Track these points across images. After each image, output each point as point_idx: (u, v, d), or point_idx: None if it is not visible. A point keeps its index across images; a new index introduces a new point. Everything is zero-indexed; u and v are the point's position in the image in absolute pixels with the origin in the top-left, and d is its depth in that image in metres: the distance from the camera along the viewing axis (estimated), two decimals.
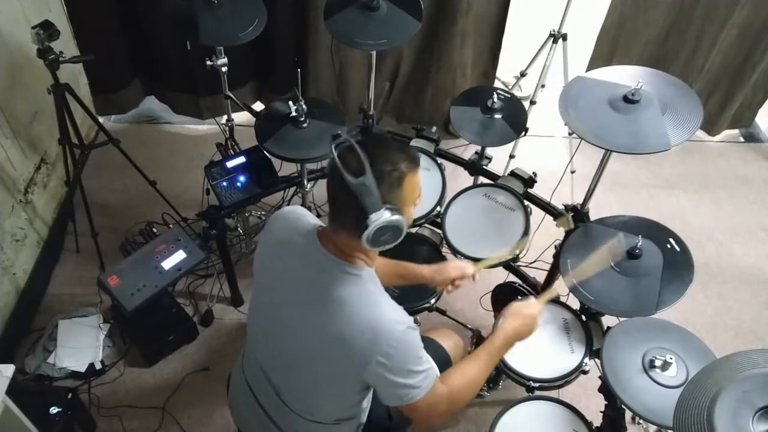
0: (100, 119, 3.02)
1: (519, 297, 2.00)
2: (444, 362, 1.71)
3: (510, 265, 2.16)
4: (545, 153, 3.22)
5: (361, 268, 1.29)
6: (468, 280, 1.68)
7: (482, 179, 2.24)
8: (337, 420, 1.42)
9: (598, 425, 1.74)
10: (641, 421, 2.17)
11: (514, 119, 2.08)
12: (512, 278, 2.31)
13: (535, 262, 2.41)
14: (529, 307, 1.52)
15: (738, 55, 3.05)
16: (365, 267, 1.31)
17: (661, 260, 1.74)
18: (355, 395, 1.36)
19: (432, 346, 1.75)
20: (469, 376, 1.40)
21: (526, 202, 2.04)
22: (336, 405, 1.39)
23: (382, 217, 1.17)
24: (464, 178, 2.29)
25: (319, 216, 2.80)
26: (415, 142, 2.21)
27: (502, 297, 2.29)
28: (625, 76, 1.75)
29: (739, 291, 2.74)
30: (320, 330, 1.27)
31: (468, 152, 2.33)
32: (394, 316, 1.25)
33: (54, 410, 1.91)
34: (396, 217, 1.19)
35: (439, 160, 2.15)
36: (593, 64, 3.04)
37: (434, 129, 2.24)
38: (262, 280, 1.43)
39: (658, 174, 3.22)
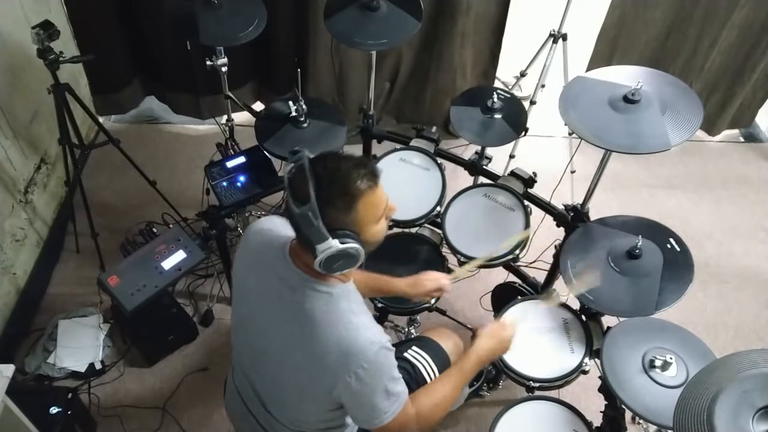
0: (100, 119, 3.02)
1: (519, 297, 2.00)
2: (443, 362, 1.71)
3: (510, 265, 2.16)
4: (545, 153, 3.22)
5: (333, 285, 1.26)
6: (444, 291, 1.72)
7: (482, 179, 2.24)
8: (324, 430, 1.42)
9: (598, 425, 1.74)
10: (641, 421, 2.17)
11: (514, 119, 2.08)
12: (512, 278, 2.31)
13: (535, 262, 2.41)
14: (504, 328, 1.55)
15: (738, 55, 3.05)
16: (338, 284, 1.27)
17: (661, 260, 1.74)
18: (336, 410, 1.33)
19: (431, 347, 1.75)
20: (438, 396, 1.40)
21: (526, 202, 2.04)
22: (319, 418, 1.38)
23: (330, 247, 1.13)
24: (464, 178, 2.30)
25: None
26: (415, 142, 2.21)
27: (502, 297, 2.29)
28: (625, 76, 1.75)
29: (739, 291, 2.74)
30: (294, 349, 1.26)
31: (468, 152, 2.33)
32: (367, 336, 1.22)
33: (54, 410, 1.91)
34: (347, 245, 1.15)
35: (439, 160, 2.15)
36: (593, 64, 3.04)
37: (434, 129, 2.24)
38: (240, 296, 1.41)
39: (658, 174, 3.22)
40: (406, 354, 1.71)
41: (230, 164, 2.21)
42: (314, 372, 1.23)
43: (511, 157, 3.00)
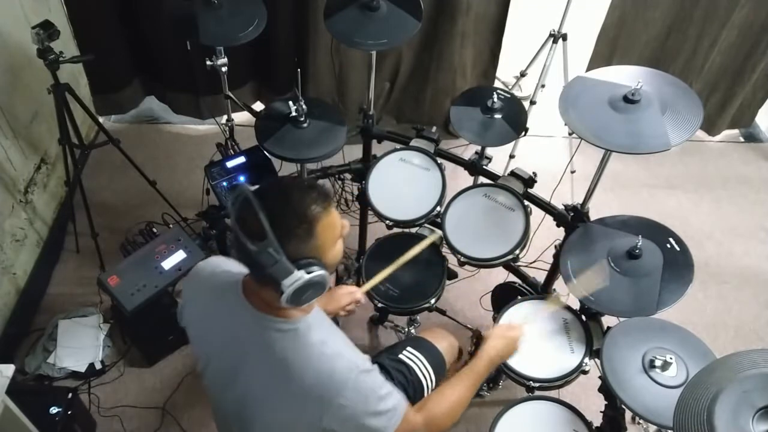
0: (100, 119, 3.02)
1: (519, 297, 2.00)
2: (438, 363, 1.71)
3: (510, 265, 2.16)
4: (545, 153, 3.23)
5: (296, 320, 1.20)
6: (359, 303, 1.69)
7: (482, 179, 2.24)
8: None
9: (598, 425, 1.74)
10: (641, 421, 2.17)
11: (514, 119, 2.08)
12: (512, 278, 2.31)
13: (535, 262, 2.41)
14: (513, 329, 1.56)
15: (738, 55, 3.05)
16: (302, 317, 1.21)
17: (661, 260, 1.74)
18: None
19: (426, 347, 1.75)
20: (450, 400, 1.39)
21: (526, 202, 2.04)
22: None
23: (297, 280, 1.08)
24: (464, 178, 2.29)
25: None
26: (415, 142, 2.21)
27: (502, 297, 2.29)
28: (625, 76, 1.75)
29: (739, 291, 2.74)
30: (272, 393, 1.22)
31: (468, 152, 2.33)
32: (343, 364, 1.18)
33: (54, 410, 1.91)
34: (313, 273, 1.10)
35: (439, 160, 2.15)
36: (593, 64, 3.04)
37: (434, 129, 2.24)
38: (202, 348, 1.35)
39: (658, 174, 3.23)
40: (401, 355, 1.71)
41: (230, 164, 2.21)
42: (297, 410, 1.20)
43: (511, 157, 3.00)
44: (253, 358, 1.23)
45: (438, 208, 2.06)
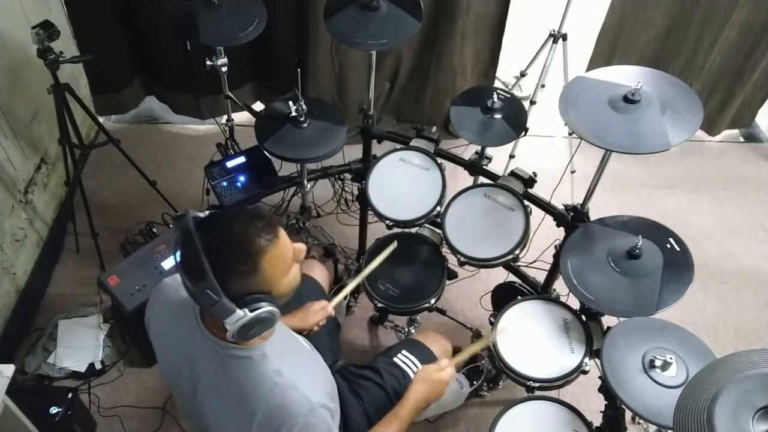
0: (100, 119, 3.02)
1: (519, 297, 2.00)
2: None
3: (510, 265, 2.16)
4: (545, 153, 3.23)
5: (252, 348, 1.17)
6: (330, 316, 1.70)
7: (482, 179, 2.24)
8: None
9: (598, 425, 1.74)
10: (641, 421, 2.17)
11: (514, 119, 2.08)
12: (512, 278, 2.31)
13: (535, 262, 2.41)
14: (440, 371, 1.52)
15: (738, 55, 3.05)
16: (258, 345, 1.18)
17: (661, 260, 1.74)
18: None
19: (421, 350, 1.77)
20: None
21: (526, 202, 2.04)
22: None
23: (240, 318, 1.05)
24: (464, 178, 2.29)
25: (318, 216, 2.80)
26: (415, 142, 2.21)
27: (502, 297, 2.29)
28: (625, 76, 1.75)
29: (739, 291, 2.74)
30: (223, 417, 1.20)
31: (468, 152, 2.33)
32: (296, 397, 1.15)
33: (54, 410, 1.91)
34: (259, 311, 1.05)
35: (439, 160, 2.15)
36: (593, 64, 3.04)
37: (434, 129, 2.24)
38: (164, 363, 1.33)
39: (658, 174, 3.22)
40: (395, 359, 1.73)
41: (230, 164, 2.21)
42: None
43: (511, 157, 3.00)
44: (209, 380, 1.21)
45: (438, 208, 2.06)
